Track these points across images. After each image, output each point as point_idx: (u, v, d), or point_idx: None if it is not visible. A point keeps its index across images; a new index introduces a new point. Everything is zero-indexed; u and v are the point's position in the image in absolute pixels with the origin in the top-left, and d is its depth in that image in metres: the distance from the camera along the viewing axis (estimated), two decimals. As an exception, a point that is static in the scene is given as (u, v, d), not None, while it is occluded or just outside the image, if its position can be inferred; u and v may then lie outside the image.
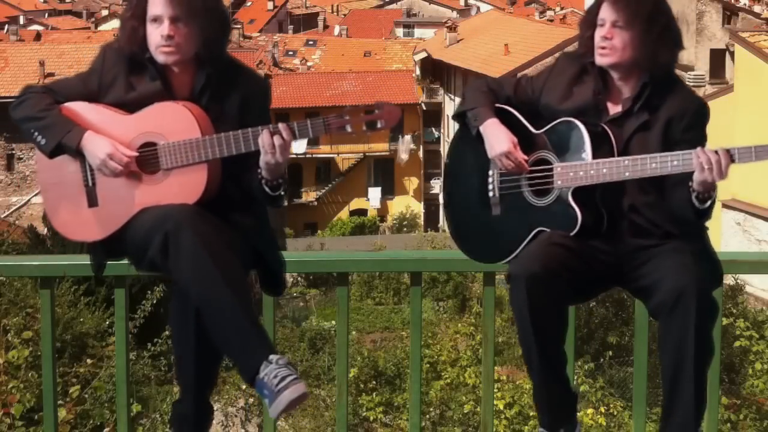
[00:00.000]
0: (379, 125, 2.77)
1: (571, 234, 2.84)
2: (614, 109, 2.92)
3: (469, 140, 3.00)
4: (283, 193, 2.85)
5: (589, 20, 2.93)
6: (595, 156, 2.84)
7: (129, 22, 2.85)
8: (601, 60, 2.88)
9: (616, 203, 2.87)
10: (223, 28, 2.89)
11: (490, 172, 2.99)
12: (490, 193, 3.00)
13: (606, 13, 2.87)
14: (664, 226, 2.85)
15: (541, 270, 2.76)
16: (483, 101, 3.01)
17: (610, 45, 2.85)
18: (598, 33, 2.88)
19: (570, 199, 2.86)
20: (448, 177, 3.17)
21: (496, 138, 2.94)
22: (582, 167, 2.84)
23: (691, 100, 2.91)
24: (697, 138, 2.86)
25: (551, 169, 2.89)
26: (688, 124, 2.86)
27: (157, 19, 2.79)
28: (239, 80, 2.90)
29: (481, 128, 2.96)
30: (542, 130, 2.94)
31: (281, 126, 2.75)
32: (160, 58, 2.81)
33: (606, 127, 2.88)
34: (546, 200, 2.91)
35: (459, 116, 3.05)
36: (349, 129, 2.77)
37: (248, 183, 2.84)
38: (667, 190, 2.81)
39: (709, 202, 2.77)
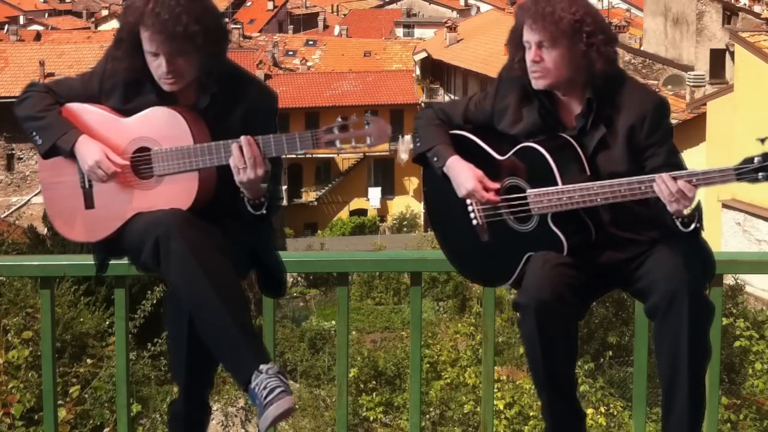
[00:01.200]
0: (368, 141, 2.75)
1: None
2: (569, 124, 2.86)
3: (438, 173, 2.96)
4: (265, 212, 2.82)
5: (516, 41, 2.85)
6: (564, 178, 2.79)
7: (126, 58, 2.79)
8: (536, 83, 2.81)
9: (604, 217, 2.84)
10: (223, 44, 2.83)
11: (469, 201, 2.96)
12: (474, 221, 2.98)
13: (529, 35, 2.79)
14: (650, 234, 2.83)
15: (551, 297, 2.74)
16: (439, 137, 2.95)
17: (542, 68, 2.78)
18: (527, 56, 2.81)
19: (551, 224, 2.83)
20: (431, 208, 3.14)
21: (462, 177, 2.88)
22: (554, 194, 2.80)
23: (647, 101, 2.83)
24: (663, 137, 2.81)
25: (526, 197, 2.86)
26: (651, 128, 2.79)
27: (153, 54, 2.75)
28: (244, 93, 2.88)
29: (445, 169, 2.91)
30: (506, 157, 2.89)
31: (245, 140, 2.71)
32: (165, 88, 2.80)
33: (569, 139, 2.83)
34: (529, 226, 2.87)
35: (420, 157, 2.98)
36: (338, 144, 2.74)
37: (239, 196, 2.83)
38: (658, 206, 2.74)
39: (693, 225, 2.71)
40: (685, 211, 2.69)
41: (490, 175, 2.90)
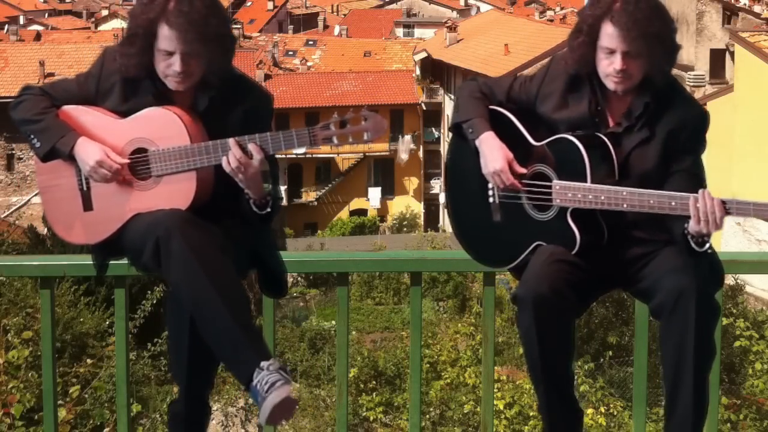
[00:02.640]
0: (365, 137, 2.76)
1: (572, 253, 2.82)
2: (613, 119, 2.87)
3: (468, 144, 2.97)
4: (270, 209, 2.83)
5: (590, 41, 2.80)
6: (594, 177, 2.79)
7: (139, 54, 2.79)
8: (616, 87, 2.80)
9: (617, 219, 2.84)
10: (230, 52, 2.86)
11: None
12: (491, 199, 2.98)
13: (616, 43, 2.74)
14: (666, 237, 2.83)
15: (549, 292, 2.74)
16: (477, 110, 2.95)
17: (626, 74, 2.77)
18: (609, 62, 2.77)
19: (569, 219, 2.83)
20: (449, 178, 3.14)
21: (492, 154, 2.89)
22: (580, 190, 2.79)
23: (691, 111, 2.86)
24: (696, 146, 2.85)
25: (550, 186, 2.86)
26: (689, 136, 2.83)
27: (168, 53, 2.75)
28: (242, 96, 2.88)
29: (477, 142, 2.91)
30: (541, 143, 2.89)
31: (231, 143, 2.73)
32: (171, 86, 2.80)
33: (606, 140, 2.83)
34: (545, 216, 2.88)
35: (455, 126, 3.00)
36: (335, 141, 2.75)
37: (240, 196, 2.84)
38: (669, 216, 2.75)
39: (706, 246, 2.72)
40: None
41: (521, 158, 2.90)
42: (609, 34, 2.76)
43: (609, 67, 2.78)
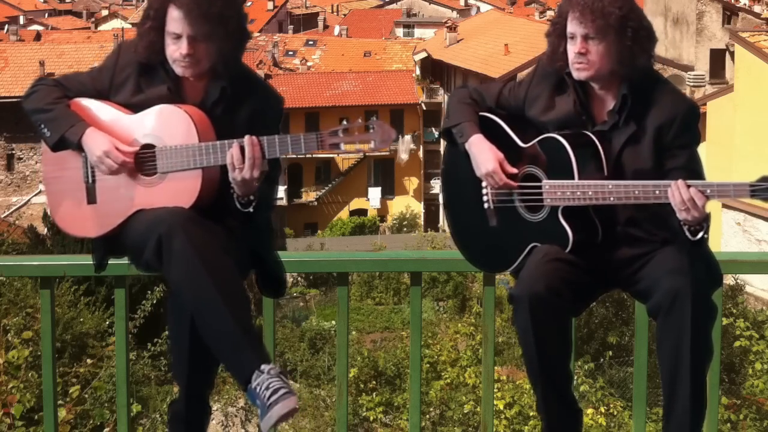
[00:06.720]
0: (372, 145, 2.76)
1: (566, 251, 2.83)
2: (600, 118, 2.88)
3: (460, 150, 2.99)
4: (252, 210, 2.81)
5: (559, 32, 2.87)
6: (582, 174, 2.80)
7: (148, 35, 2.81)
8: (578, 75, 2.83)
9: (612, 216, 2.85)
10: (241, 41, 2.87)
11: (484, 183, 2.98)
12: (485, 205, 2.99)
13: (575, 27, 2.81)
14: (662, 234, 2.83)
15: (545, 290, 2.75)
16: (467, 115, 2.97)
17: (586, 60, 2.81)
18: (571, 47, 2.82)
19: (561, 217, 2.84)
20: (445, 184, 3.17)
21: (482, 156, 2.91)
22: (569, 187, 2.81)
23: (678, 104, 2.86)
24: (689, 140, 2.84)
25: (540, 186, 2.87)
26: (679, 130, 2.82)
27: (176, 36, 2.77)
28: (252, 94, 2.89)
29: (467, 146, 2.93)
30: (529, 144, 2.91)
31: (247, 141, 2.73)
32: (178, 71, 2.81)
33: (592, 136, 2.85)
34: (538, 216, 2.89)
35: (445, 132, 3.02)
36: (342, 147, 2.76)
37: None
38: (667, 210, 2.75)
39: (701, 234, 2.72)
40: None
41: (511, 162, 2.92)
42: (571, 21, 2.81)
43: (573, 54, 2.81)
